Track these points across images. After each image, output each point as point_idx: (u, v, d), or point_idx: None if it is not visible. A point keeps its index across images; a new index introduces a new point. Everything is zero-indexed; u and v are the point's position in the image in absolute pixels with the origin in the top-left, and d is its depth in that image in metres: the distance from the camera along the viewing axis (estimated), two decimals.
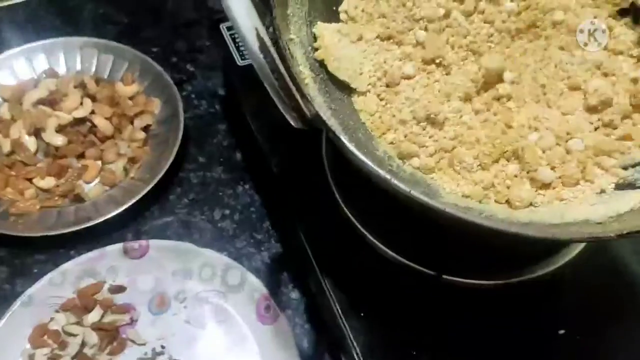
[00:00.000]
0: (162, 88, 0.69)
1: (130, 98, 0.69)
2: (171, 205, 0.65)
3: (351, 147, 0.36)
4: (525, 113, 0.42)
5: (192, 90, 0.74)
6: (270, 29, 0.39)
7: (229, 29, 0.66)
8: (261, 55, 0.36)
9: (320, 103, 0.41)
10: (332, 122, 0.38)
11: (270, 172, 0.57)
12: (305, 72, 0.42)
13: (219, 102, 0.74)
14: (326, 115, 0.39)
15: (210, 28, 0.68)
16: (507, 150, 0.41)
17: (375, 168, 0.35)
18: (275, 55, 0.36)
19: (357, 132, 0.43)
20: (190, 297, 0.57)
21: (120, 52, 0.72)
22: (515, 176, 0.41)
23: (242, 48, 0.64)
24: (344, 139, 0.36)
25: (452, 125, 0.42)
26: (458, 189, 0.40)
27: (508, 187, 0.40)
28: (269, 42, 0.36)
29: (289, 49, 0.40)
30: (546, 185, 0.40)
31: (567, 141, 0.41)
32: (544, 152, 0.41)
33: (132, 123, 0.68)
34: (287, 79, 0.37)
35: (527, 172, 0.40)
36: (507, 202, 0.40)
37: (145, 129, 0.68)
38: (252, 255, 0.61)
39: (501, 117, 0.42)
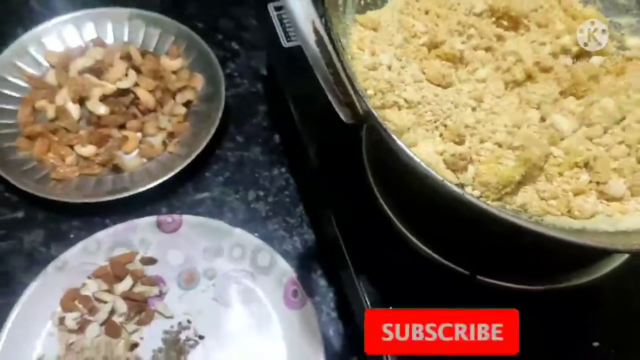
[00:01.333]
0: (206, 65, 0.69)
1: (174, 72, 0.69)
2: (206, 183, 0.65)
3: (404, 146, 0.35)
4: None
5: (235, 69, 0.74)
6: (323, 20, 0.38)
7: (277, 9, 0.65)
8: (318, 49, 0.34)
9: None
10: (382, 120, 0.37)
11: (308, 159, 0.56)
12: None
13: (261, 82, 0.73)
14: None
15: (257, 7, 0.67)
16: (577, 162, 0.39)
17: (427, 168, 0.34)
18: (332, 50, 0.35)
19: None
20: (219, 275, 0.57)
21: (167, 25, 0.72)
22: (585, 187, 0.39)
23: (289, 29, 0.63)
24: (396, 138, 0.35)
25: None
26: None
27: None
28: (325, 36, 0.35)
29: (340, 40, 0.39)
30: (615, 198, 0.38)
31: (637, 150, 0.39)
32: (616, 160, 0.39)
33: (174, 98, 0.68)
34: (343, 74, 0.36)
35: (597, 184, 0.38)
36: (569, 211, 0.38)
37: (187, 104, 0.68)
38: (283, 238, 0.61)
39: None
